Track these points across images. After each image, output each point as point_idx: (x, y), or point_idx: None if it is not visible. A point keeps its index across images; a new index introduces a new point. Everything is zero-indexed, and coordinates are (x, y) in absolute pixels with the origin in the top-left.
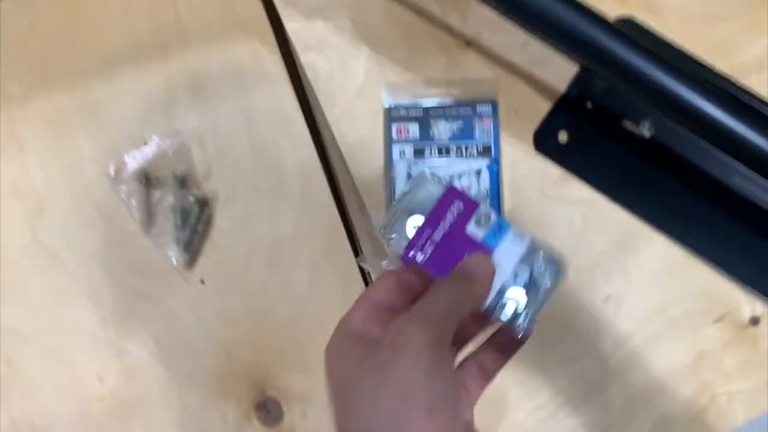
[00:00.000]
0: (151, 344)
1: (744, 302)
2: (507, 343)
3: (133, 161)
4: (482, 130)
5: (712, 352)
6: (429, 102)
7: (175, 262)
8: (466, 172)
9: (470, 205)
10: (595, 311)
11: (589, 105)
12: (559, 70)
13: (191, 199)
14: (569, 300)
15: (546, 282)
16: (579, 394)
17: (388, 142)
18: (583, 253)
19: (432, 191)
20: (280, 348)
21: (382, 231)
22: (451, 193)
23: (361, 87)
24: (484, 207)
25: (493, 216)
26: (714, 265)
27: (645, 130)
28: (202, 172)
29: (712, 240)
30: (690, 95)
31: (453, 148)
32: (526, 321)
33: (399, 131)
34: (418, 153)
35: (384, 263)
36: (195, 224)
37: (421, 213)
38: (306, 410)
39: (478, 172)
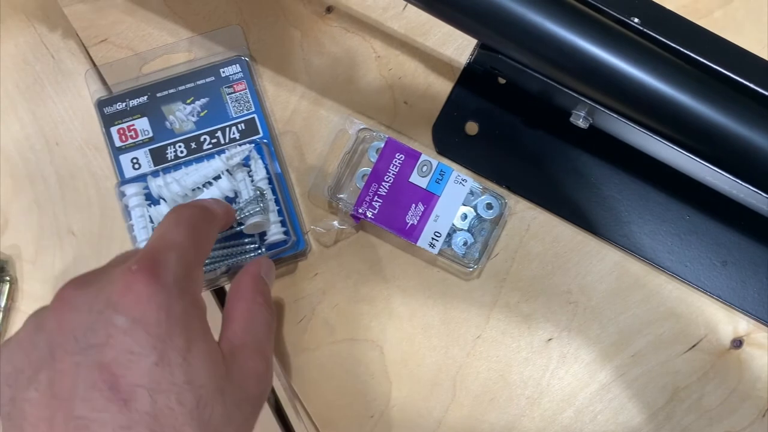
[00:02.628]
0: None
1: (722, 321)
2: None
3: None
4: (236, 100)
5: (688, 389)
6: (153, 78)
7: None
8: (235, 166)
9: (412, 155)
10: (536, 357)
11: (501, 81)
12: (458, 37)
13: None
14: (498, 347)
15: (490, 217)
16: None
17: (112, 151)
18: (511, 283)
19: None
20: None
21: (329, 192)
22: (391, 146)
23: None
24: (425, 156)
25: (434, 163)
26: (681, 279)
27: (580, 121)
28: None
29: (677, 248)
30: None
31: (205, 138)
32: (477, 253)
33: (122, 133)
34: (159, 157)
35: (335, 223)
36: None
37: (366, 168)
38: None
39: (248, 160)
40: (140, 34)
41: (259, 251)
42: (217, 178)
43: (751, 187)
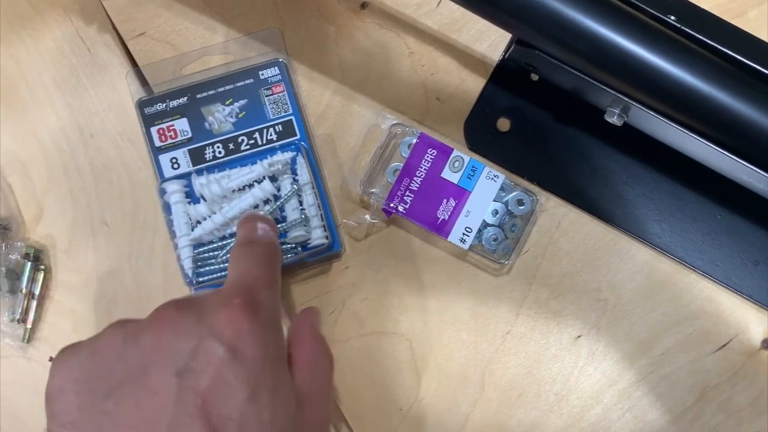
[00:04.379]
0: None
1: (753, 321)
2: None
3: None
4: (275, 102)
5: (718, 388)
6: (193, 79)
7: (7, 341)
8: (277, 170)
9: (444, 151)
10: (565, 353)
11: (534, 77)
12: (492, 33)
13: (16, 255)
14: (527, 344)
15: (521, 214)
16: None
17: (152, 151)
18: (541, 280)
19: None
20: None
21: (362, 187)
22: (423, 141)
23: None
24: (457, 151)
25: (466, 159)
26: (712, 278)
27: (614, 118)
28: (30, 213)
29: (708, 247)
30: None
31: (243, 139)
32: (508, 250)
33: (162, 133)
34: (197, 157)
35: (367, 216)
36: (28, 287)
37: (398, 162)
38: None
39: (293, 163)
40: (177, 28)
41: (295, 251)
42: (259, 180)
43: None
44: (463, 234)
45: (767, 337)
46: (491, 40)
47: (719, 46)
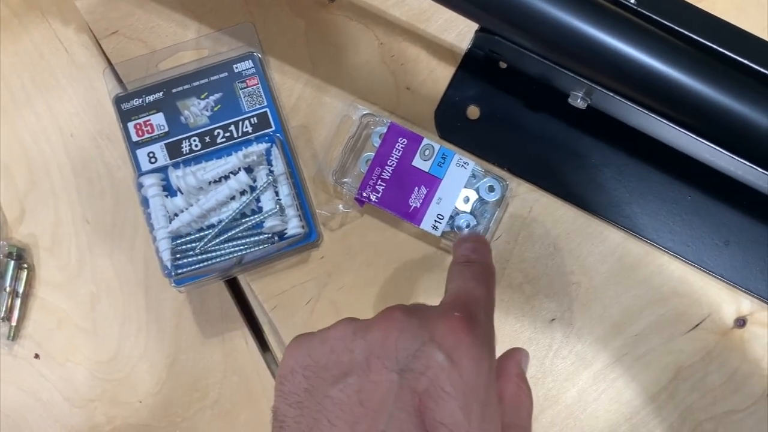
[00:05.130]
0: None
1: (726, 301)
2: None
3: None
4: (249, 95)
5: (692, 367)
6: (168, 74)
7: None
8: (252, 161)
9: (414, 139)
10: (539, 336)
11: (503, 65)
12: (459, 23)
13: None
14: (502, 328)
15: (492, 200)
16: None
17: (129, 146)
18: (514, 264)
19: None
20: None
21: (334, 177)
22: (393, 130)
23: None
24: (427, 140)
25: (436, 147)
26: (683, 259)
27: (578, 102)
28: (13, 213)
29: (679, 228)
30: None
31: (219, 132)
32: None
33: (139, 128)
34: (174, 151)
35: (340, 206)
36: (12, 285)
37: (370, 152)
38: None
39: (268, 154)
40: (150, 25)
41: (272, 240)
42: (234, 171)
43: (749, 164)
44: (435, 221)
45: (739, 317)
46: (459, 30)
47: (678, 28)
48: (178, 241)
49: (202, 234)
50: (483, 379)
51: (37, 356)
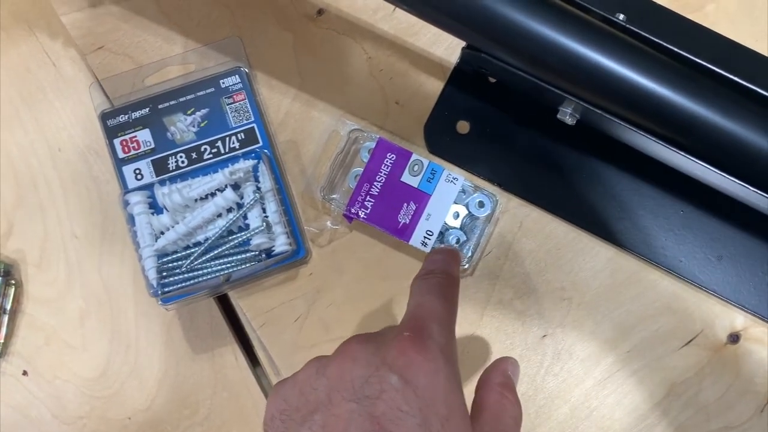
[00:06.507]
0: None
1: (719, 316)
2: None
3: None
4: (236, 111)
5: (685, 384)
6: (154, 90)
7: None
8: (239, 178)
9: (403, 155)
10: (531, 353)
11: (492, 79)
12: (448, 37)
13: None
14: (492, 344)
15: (482, 215)
16: None
17: (116, 162)
18: (505, 280)
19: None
20: None
21: (322, 193)
22: (382, 146)
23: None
24: (416, 155)
25: (425, 162)
26: (676, 274)
27: (566, 118)
28: (0, 229)
29: (671, 243)
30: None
31: (206, 148)
32: (470, 251)
33: (125, 145)
34: (160, 168)
35: (328, 222)
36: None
37: (358, 168)
38: None
39: (255, 170)
40: (136, 40)
41: (259, 258)
42: (221, 189)
43: (738, 181)
44: (425, 237)
45: (733, 332)
46: (448, 44)
47: (668, 45)
48: (165, 260)
49: (188, 252)
50: (440, 392)
51: (25, 373)
